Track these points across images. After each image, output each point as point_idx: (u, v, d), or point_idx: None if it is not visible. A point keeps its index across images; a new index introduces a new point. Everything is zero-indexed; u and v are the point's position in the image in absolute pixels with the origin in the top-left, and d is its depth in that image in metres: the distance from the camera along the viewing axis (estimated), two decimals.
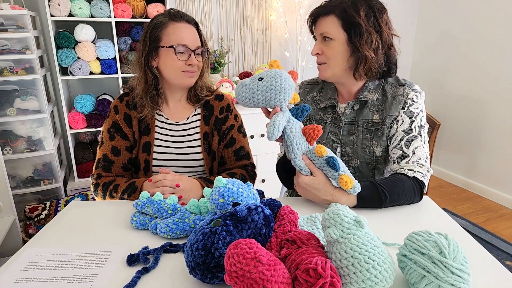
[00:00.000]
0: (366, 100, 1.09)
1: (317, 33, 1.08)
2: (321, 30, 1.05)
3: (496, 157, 2.80)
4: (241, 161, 1.24)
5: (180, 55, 1.11)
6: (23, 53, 1.97)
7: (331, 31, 1.03)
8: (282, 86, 0.87)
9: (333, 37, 1.03)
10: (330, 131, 1.14)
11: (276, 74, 0.88)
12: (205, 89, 1.26)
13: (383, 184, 0.94)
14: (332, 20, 1.03)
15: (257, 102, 0.90)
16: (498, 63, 2.74)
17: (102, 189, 1.11)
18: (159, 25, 1.12)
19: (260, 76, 0.89)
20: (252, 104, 0.91)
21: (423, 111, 1.08)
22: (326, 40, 1.05)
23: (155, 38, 1.12)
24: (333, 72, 1.07)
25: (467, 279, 0.57)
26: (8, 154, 2.03)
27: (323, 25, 1.05)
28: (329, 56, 1.05)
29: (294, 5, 2.86)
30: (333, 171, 0.91)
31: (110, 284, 0.66)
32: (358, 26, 1.00)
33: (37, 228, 2.00)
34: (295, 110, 0.93)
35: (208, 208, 0.83)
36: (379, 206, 0.95)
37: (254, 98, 0.89)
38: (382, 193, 0.93)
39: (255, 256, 0.53)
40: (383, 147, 1.09)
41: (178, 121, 1.23)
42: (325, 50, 1.06)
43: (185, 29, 1.13)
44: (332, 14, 1.03)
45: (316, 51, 1.07)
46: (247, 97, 0.89)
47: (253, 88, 0.88)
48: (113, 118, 1.19)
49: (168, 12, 1.14)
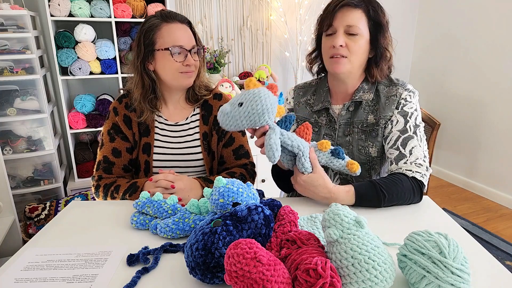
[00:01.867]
0: (360, 100, 1.09)
1: (341, 24, 1.02)
2: (350, 22, 1.01)
3: (496, 157, 2.80)
4: (241, 160, 1.24)
5: (176, 56, 1.11)
6: (23, 53, 1.97)
7: (360, 26, 1.02)
8: (264, 108, 0.83)
9: (360, 33, 1.02)
10: (325, 133, 1.14)
11: (255, 97, 0.83)
12: (204, 88, 1.25)
13: (382, 184, 0.95)
14: (361, 15, 1.02)
15: (242, 126, 0.86)
16: (498, 63, 2.74)
17: (103, 190, 1.11)
18: (152, 28, 1.11)
19: (239, 101, 0.84)
20: (239, 129, 0.88)
21: (418, 110, 1.07)
22: (352, 35, 1.02)
23: (149, 41, 1.11)
24: (351, 68, 1.05)
25: (467, 279, 0.57)
26: (8, 154, 2.03)
27: (352, 17, 1.01)
28: (353, 51, 1.03)
29: (294, 5, 2.86)
30: (340, 160, 0.96)
31: (110, 284, 0.66)
32: (382, 27, 1.03)
33: (37, 228, 2.00)
34: (282, 123, 0.92)
35: (208, 208, 0.83)
36: (377, 205, 0.95)
37: (239, 125, 0.85)
38: (380, 192, 0.93)
39: (255, 256, 0.53)
40: (378, 147, 1.09)
41: (178, 122, 1.23)
42: (349, 44, 1.02)
43: (179, 30, 1.12)
44: (360, 9, 1.02)
45: (341, 43, 1.01)
46: (231, 125, 0.86)
47: (235, 116, 0.84)
48: (112, 120, 1.19)
49: (159, 14, 1.13)
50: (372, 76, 1.08)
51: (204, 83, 1.26)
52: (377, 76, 1.08)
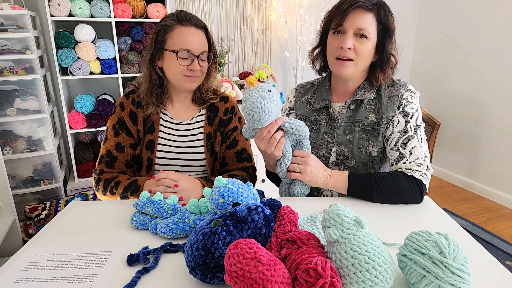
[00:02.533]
0: (362, 99, 1.10)
1: (352, 25, 1.01)
2: (362, 25, 1.00)
3: (496, 157, 2.80)
4: (243, 163, 1.24)
5: (182, 60, 1.11)
6: (23, 53, 1.97)
7: (370, 30, 1.01)
8: (256, 118, 0.89)
9: (369, 36, 1.02)
10: (325, 131, 1.14)
11: (245, 110, 0.90)
12: (211, 91, 1.26)
13: (378, 175, 0.98)
14: (372, 18, 1.02)
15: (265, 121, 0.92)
16: (498, 63, 2.74)
17: (104, 184, 1.11)
18: (166, 28, 1.12)
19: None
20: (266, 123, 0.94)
21: (419, 111, 1.08)
22: (361, 38, 1.02)
23: (161, 39, 1.13)
24: (356, 71, 1.06)
25: (467, 279, 0.57)
26: (8, 154, 2.03)
27: (364, 20, 1.00)
28: (360, 55, 1.02)
29: (294, 5, 2.86)
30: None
31: (110, 284, 0.66)
32: (390, 32, 1.03)
33: (37, 228, 2.00)
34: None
35: (208, 208, 0.83)
36: (370, 193, 0.97)
37: (265, 119, 0.91)
38: (374, 180, 0.96)
39: (255, 256, 0.53)
40: (379, 147, 1.09)
41: (182, 121, 1.24)
42: (357, 47, 1.02)
43: (191, 34, 1.12)
44: (372, 12, 1.01)
45: (349, 45, 1.01)
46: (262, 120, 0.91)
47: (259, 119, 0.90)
48: (118, 115, 1.20)
49: (176, 15, 1.13)
50: (377, 80, 1.08)
51: (213, 87, 1.26)
52: (381, 80, 1.09)
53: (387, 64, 1.07)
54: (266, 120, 0.90)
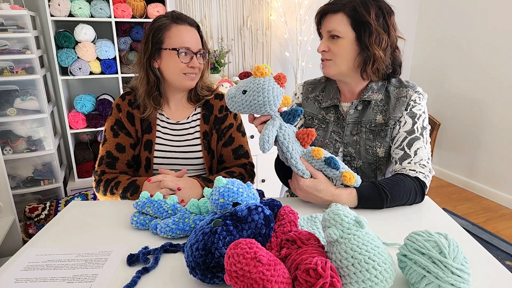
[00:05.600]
0: (369, 100, 1.09)
1: (324, 31, 1.07)
2: (329, 27, 1.05)
3: (496, 157, 2.81)
4: (240, 159, 1.25)
5: (182, 57, 1.13)
6: (23, 53, 1.97)
7: (340, 29, 1.03)
8: (266, 100, 0.85)
9: (341, 35, 1.03)
10: (333, 130, 1.14)
11: (259, 87, 0.85)
12: (206, 89, 1.28)
13: (384, 184, 0.94)
14: (341, 18, 1.03)
15: (244, 112, 0.91)
16: (498, 63, 2.74)
17: (104, 185, 1.12)
18: (162, 27, 1.13)
19: (244, 88, 0.87)
20: (241, 113, 0.93)
21: (426, 113, 1.08)
22: (334, 38, 1.04)
23: (157, 40, 1.13)
24: (339, 70, 1.07)
25: (467, 279, 0.57)
26: (8, 154, 2.03)
27: (332, 22, 1.04)
28: (336, 54, 1.05)
29: (294, 5, 2.86)
30: (334, 170, 0.92)
31: (110, 284, 0.66)
32: (368, 26, 1.01)
33: (37, 228, 2.00)
34: (286, 115, 0.92)
35: (208, 208, 0.83)
36: (380, 206, 0.94)
37: (242, 110, 0.90)
38: (383, 192, 0.93)
39: (255, 256, 0.53)
40: (386, 148, 1.08)
41: (179, 121, 1.24)
42: (332, 48, 1.05)
43: (188, 32, 1.14)
44: (341, 12, 1.03)
45: (322, 48, 1.07)
46: (235, 109, 0.90)
47: (238, 102, 0.88)
48: (116, 116, 1.20)
49: (170, 14, 1.15)
50: (367, 75, 1.06)
51: (206, 84, 1.28)
52: (371, 76, 1.06)
53: (371, 58, 1.03)
54: (264, 111, 0.89)
